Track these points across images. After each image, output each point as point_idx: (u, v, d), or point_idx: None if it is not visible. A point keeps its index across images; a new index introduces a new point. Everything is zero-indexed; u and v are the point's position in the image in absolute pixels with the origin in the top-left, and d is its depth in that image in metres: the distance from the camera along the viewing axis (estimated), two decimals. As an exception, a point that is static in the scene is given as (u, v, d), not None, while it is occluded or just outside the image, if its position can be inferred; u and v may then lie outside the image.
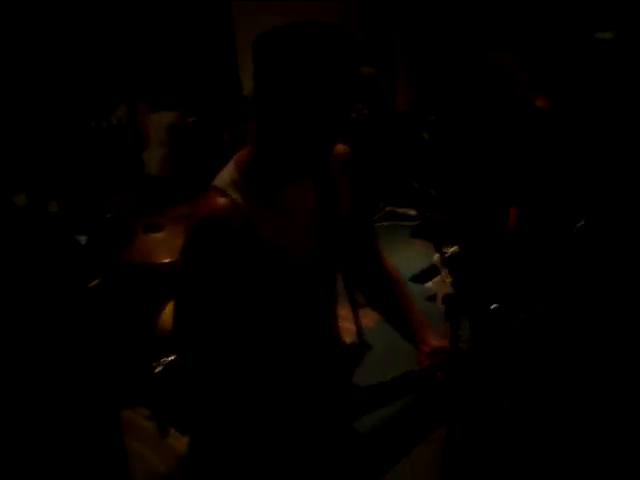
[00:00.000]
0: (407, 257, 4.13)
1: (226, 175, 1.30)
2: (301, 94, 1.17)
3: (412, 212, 4.71)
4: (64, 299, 2.58)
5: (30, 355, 2.30)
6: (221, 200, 1.25)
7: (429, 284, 4.02)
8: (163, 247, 2.82)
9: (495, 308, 2.57)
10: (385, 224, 4.69)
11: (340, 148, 1.44)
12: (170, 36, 4.41)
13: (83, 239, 2.84)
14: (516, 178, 2.60)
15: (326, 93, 1.17)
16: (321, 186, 1.38)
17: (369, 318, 1.67)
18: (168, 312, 2.71)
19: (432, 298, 3.75)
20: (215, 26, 4.67)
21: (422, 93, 5.37)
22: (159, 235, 2.87)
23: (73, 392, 2.25)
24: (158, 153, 4.46)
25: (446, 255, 3.18)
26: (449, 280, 4.02)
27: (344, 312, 1.57)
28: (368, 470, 2.49)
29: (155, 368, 2.53)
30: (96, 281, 2.73)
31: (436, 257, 4.06)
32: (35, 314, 2.45)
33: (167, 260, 2.75)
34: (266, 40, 1.20)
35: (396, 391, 1.43)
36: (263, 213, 1.28)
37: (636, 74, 2.70)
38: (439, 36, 5.11)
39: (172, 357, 2.55)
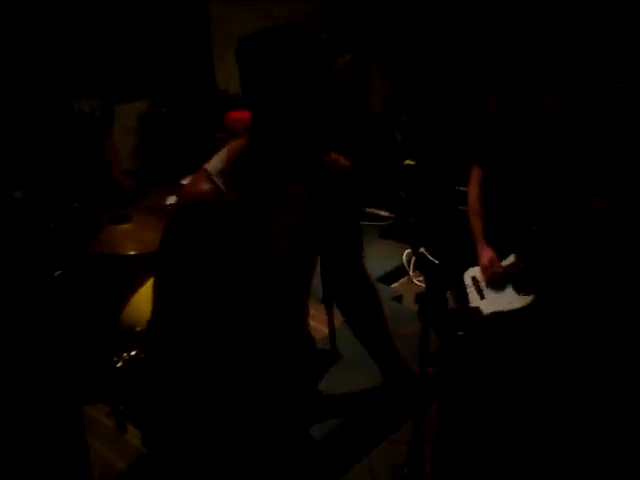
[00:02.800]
0: (374, 258, 4.14)
1: (217, 161, 1.30)
2: (287, 91, 1.20)
3: (382, 213, 4.74)
4: (27, 288, 2.52)
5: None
6: (206, 186, 1.25)
7: (395, 285, 4.06)
8: (130, 239, 2.78)
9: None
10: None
11: (342, 160, 1.48)
12: (147, 26, 4.35)
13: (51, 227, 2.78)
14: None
15: (311, 90, 1.21)
16: (314, 185, 1.41)
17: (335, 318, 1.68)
18: (132, 306, 2.67)
19: (398, 299, 3.79)
20: (191, 18, 4.62)
21: (396, 95, 5.40)
22: (126, 226, 2.83)
23: (35, 386, 2.19)
24: (128, 144, 4.39)
25: (420, 252, 3.20)
26: (417, 281, 4.07)
27: (314, 311, 1.57)
28: (328, 469, 2.51)
29: (116, 363, 2.48)
30: (60, 271, 2.68)
31: (405, 257, 4.10)
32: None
33: (133, 252, 2.71)
34: (250, 43, 1.23)
35: (358, 404, 1.47)
36: (246, 205, 1.28)
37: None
38: (413, 39, 5.14)
39: (134, 352, 2.50)
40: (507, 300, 2.59)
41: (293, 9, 4.55)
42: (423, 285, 1.62)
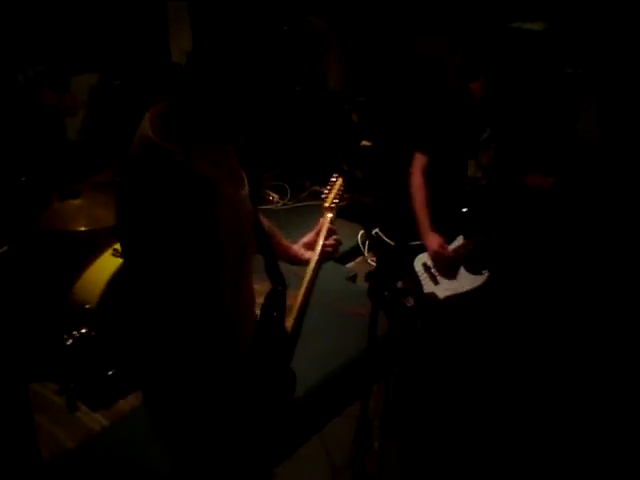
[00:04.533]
0: (330, 237, 4.15)
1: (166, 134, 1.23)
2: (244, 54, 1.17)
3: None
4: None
5: None
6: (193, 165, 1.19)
7: (350, 264, 4.09)
8: (80, 214, 2.73)
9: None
10: (310, 203, 4.72)
11: None
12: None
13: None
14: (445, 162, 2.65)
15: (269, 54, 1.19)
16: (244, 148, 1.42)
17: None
18: (82, 283, 2.63)
19: (353, 278, 3.83)
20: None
21: (354, 74, 5.39)
22: (76, 202, 2.77)
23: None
24: (78, 117, 4.27)
25: (374, 234, 3.22)
26: (372, 261, 4.12)
27: (258, 286, 1.56)
28: (282, 443, 2.53)
29: (66, 340, 2.45)
30: (6, 247, 2.61)
31: (360, 237, 4.14)
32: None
33: (83, 228, 2.66)
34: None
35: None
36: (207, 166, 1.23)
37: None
38: (372, 18, 5.12)
39: (84, 330, 2.47)
40: (461, 282, 2.62)
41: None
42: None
